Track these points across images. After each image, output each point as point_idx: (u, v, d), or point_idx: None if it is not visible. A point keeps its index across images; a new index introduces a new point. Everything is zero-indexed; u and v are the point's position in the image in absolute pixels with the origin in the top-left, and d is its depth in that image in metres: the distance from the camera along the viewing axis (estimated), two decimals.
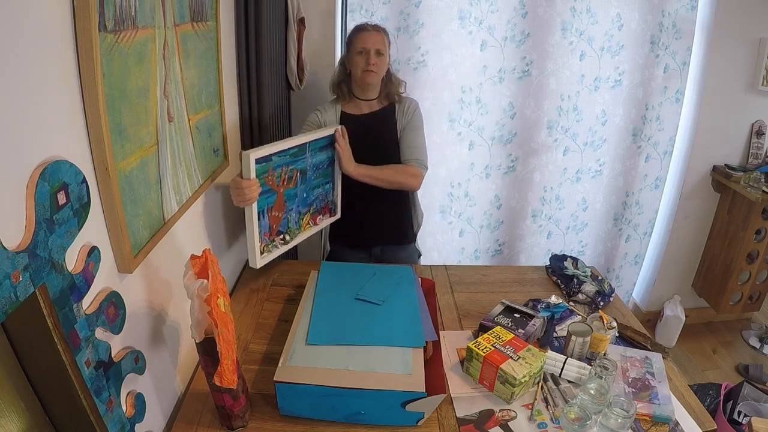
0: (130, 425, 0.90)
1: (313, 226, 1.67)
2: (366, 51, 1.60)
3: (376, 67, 1.61)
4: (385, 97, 1.72)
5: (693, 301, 2.87)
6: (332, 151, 1.65)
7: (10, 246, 0.62)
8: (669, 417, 1.13)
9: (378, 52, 1.61)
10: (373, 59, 1.60)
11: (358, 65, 1.62)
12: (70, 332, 0.73)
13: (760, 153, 2.57)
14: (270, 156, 1.40)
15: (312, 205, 1.65)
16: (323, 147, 1.61)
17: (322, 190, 1.67)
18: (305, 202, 1.61)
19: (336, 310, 1.30)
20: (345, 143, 1.63)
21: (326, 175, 1.67)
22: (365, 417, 1.09)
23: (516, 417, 1.13)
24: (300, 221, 1.61)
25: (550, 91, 2.33)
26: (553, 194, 2.57)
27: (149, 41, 0.96)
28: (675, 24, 2.27)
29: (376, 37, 1.61)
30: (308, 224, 1.65)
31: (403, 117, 1.71)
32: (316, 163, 1.60)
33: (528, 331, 1.34)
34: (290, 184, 1.52)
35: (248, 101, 1.68)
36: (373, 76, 1.63)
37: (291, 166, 1.50)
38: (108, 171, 0.83)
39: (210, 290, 0.92)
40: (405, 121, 1.71)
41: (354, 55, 1.62)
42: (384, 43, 1.63)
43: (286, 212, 1.54)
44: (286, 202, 1.53)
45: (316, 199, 1.66)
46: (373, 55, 1.60)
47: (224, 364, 0.94)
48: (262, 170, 1.38)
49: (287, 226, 1.56)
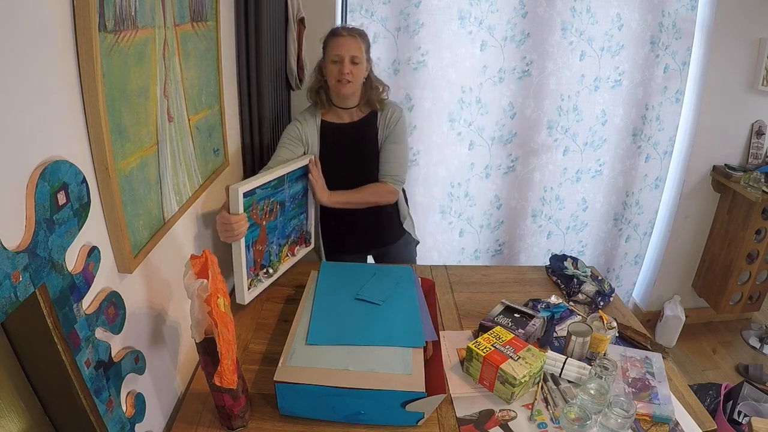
0: (130, 425, 0.90)
1: (291, 257, 1.62)
2: (340, 59, 1.50)
3: (352, 76, 1.51)
4: (366, 104, 1.64)
5: (693, 301, 2.87)
6: (306, 181, 1.61)
7: (10, 246, 0.62)
8: (669, 417, 1.13)
9: (353, 60, 1.51)
10: (348, 68, 1.50)
11: (332, 74, 1.53)
12: (70, 332, 0.73)
13: (760, 153, 2.57)
14: (254, 189, 1.35)
15: (290, 237, 1.60)
16: (299, 177, 1.58)
17: (297, 221, 1.64)
18: (284, 234, 1.56)
19: (336, 310, 1.30)
20: (318, 173, 1.59)
21: (301, 205, 1.64)
22: (365, 417, 1.08)
23: (516, 417, 1.13)
24: (280, 253, 1.56)
25: (550, 91, 2.32)
26: (553, 194, 2.57)
27: (149, 41, 0.96)
28: (675, 24, 2.27)
29: (351, 43, 1.50)
30: (287, 256, 1.59)
31: (385, 127, 1.64)
32: (293, 194, 1.57)
33: (528, 331, 1.34)
34: (271, 217, 1.47)
35: (248, 101, 1.68)
36: (348, 87, 1.53)
37: (272, 198, 1.46)
38: (108, 171, 0.83)
39: (210, 290, 0.92)
40: (387, 131, 1.64)
41: (328, 63, 1.53)
42: (360, 49, 1.52)
43: (268, 245, 1.49)
44: (268, 235, 1.48)
45: (293, 230, 1.62)
46: (348, 64, 1.50)
47: (224, 364, 0.94)
48: (247, 204, 1.34)
49: (269, 259, 1.51)
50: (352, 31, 1.53)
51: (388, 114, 1.63)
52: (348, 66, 1.50)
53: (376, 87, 1.62)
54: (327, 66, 1.54)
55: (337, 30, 1.54)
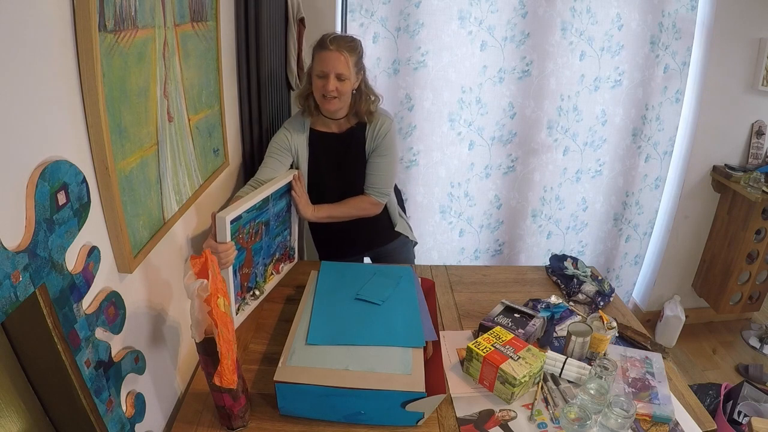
0: (130, 425, 0.90)
1: (276, 275, 1.58)
2: (325, 75, 1.45)
3: (337, 92, 1.46)
4: (354, 115, 1.59)
5: (693, 301, 2.87)
6: (289, 197, 1.59)
7: (10, 246, 0.62)
8: (669, 417, 1.13)
9: (339, 76, 1.45)
10: (333, 84, 1.45)
11: (317, 89, 1.49)
12: (70, 332, 0.73)
13: (760, 153, 2.57)
14: (240, 214, 1.31)
15: (274, 255, 1.57)
16: (282, 194, 1.55)
17: (281, 238, 1.61)
18: (269, 253, 1.53)
19: (336, 310, 1.30)
20: (301, 188, 1.57)
21: (285, 221, 1.61)
22: (365, 417, 1.09)
23: (516, 417, 1.13)
24: (265, 273, 1.52)
25: (550, 91, 2.32)
26: (553, 194, 2.57)
27: (149, 41, 0.96)
28: (675, 24, 2.27)
29: (337, 58, 1.43)
30: (272, 274, 1.56)
31: (373, 140, 1.59)
32: (277, 211, 1.54)
33: (528, 331, 1.34)
34: (257, 238, 1.43)
35: (248, 101, 1.68)
36: (333, 103, 1.49)
37: (257, 220, 1.42)
38: (108, 171, 0.83)
39: (210, 290, 0.92)
40: (374, 144, 1.59)
41: (315, 76, 1.48)
42: (346, 65, 1.45)
43: (254, 267, 1.45)
44: (254, 257, 1.44)
45: (278, 247, 1.59)
46: (333, 80, 1.44)
47: (224, 364, 0.94)
48: (234, 229, 1.27)
49: (255, 280, 1.47)
50: (340, 45, 1.44)
51: (377, 126, 1.58)
52: (333, 82, 1.45)
53: (366, 98, 1.57)
54: (313, 80, 1.50)
55: (324, 42, 1.46)
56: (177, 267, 1.19)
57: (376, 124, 1.59)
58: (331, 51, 1.44)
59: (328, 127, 1.62)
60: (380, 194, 1.64)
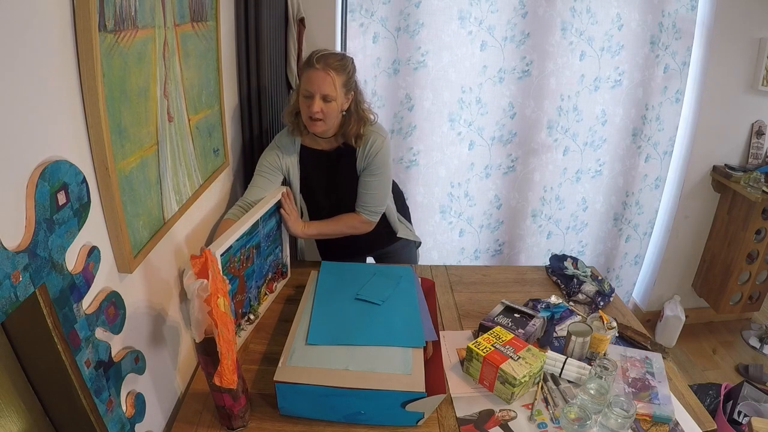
0: (130, 425, 0.90)
1: (269, 294, 1.54)
2: (310, 95, 1.38)
3: (322, 114, 1.39)
4: (342, 136, 1.51)
5: (693, 301, 2.87)
6: (278, 215, 1.54)
7: (10, 246, 0.62)
8: (669, 417, 1.13)
9: (325, 98, 1.37)
10: (318, 106, 1.38)
11: (302, 109, 1.43)
12: (70, 332, 0.73)
13: (760, 153, 2.56)
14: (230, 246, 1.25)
15: (267, 276, 1.52)
16: (272, 213, 1.51)
17: (273, 257, 1.55)
18: (261, 275, 1.47)
19: (336, 310, 1.30)
20: (290, 205, 1.53)
21: (276, 239, 1.56)
22: (365, 417, 1.09)
23: (516, 417, 1.13)
24: (259, 295, 1.47)
25: (550, 91, 2.32)
26: (553, 194, 2.57)
27: (149, 41, 0.96)
28: (675, 24, 2.27)
29: (324, 79, 1.36)
30: (265, 294, 1.51)
31: (364, 158, 1.52)
32: (267, 232, 1.48)
33: (528, 331, 1.34)
34: (248, 263, 1.38)
35: (248, 101, 1.68)
36: (318, 125, 1.43)
37: (248, 245, 1.36)
38: (108, 171, 0.83)
39: (210, 290, 0.92)
40: (365, 162, 1.53)
41: (301, 95, 1.42)
42: (333, 86, 1.37)
43: (247, 292, 1.39)
44: (246, 282, 1.38)
45: (270, 267, 1.54)
46: (318, 101, 1.37)
47: (224, 364, 0.94)
48: (224, 261, 1.22)
49: (249, 305, 1.42)
50: (327, 63, 1.36)
51: (368, 144, 1.50)
52: (318, 104, 1.38)
53: (356, 121, 1.48)
54: (300, 98, 1.43)
55: (311, 60, 1.38)
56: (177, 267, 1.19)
57: (368, 142, 1.51)
58: (317, 70, 1.36)
59: (317, 143, 1.57)
60: (371, 213, 1.59)
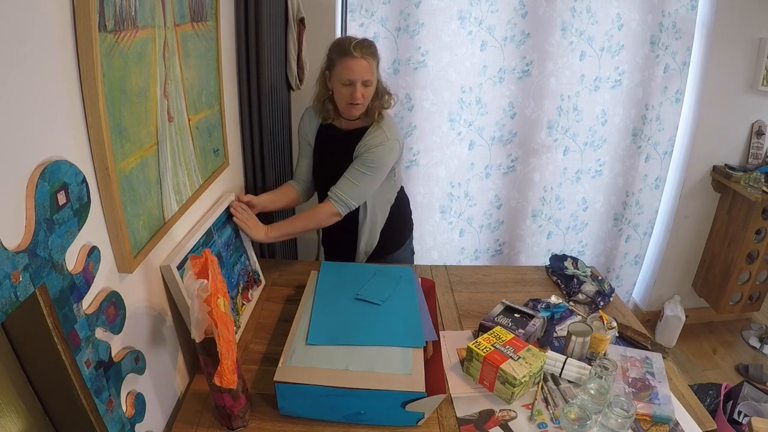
0: (130, 425, 0.90)
1: (247, 303, 1.48)
2: (352, 83, 1.43)
3: (363, 98, 1.46)
4: (365, 116, 1.55)
5: (693, 301, 2.87)
6: (232, 221, 1.49)
7: (10, 246, 0.62)
8: (669, 417, 1.13)
9: (365, 83, 1.44)
10: (360, 92, 1.43)
11: (342, 96, 1.47)
12: (70, 332, 0.73)
13: (760, 153, 2.57)
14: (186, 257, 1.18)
15: (239, 285, 1.46)
16: (224, 222, 1.45)
17: (240, 265, 1.50)
18: (231, 285, 1.42)
19: (336, 310, 1.30)
20: (243, 212, 1.48)
21: (237, 248, 1.51)
22: (365, 417, 1.09)
23: (516, 417, 1.13)
24: (236, 306, 1.42)
25: (550, 91, 2.32)
26: (553, 194, 2.57)
27: (149, 41, 0.96)
28: (675, 24, 2.27)
29: (363, 66, 1.41)
30: (243, 304, 1.46)
31: (362, 145, 1.53)
32: (225, 241, 1.43)
33: (528, 331, 1.34)
34: None
35: (248, 101, 1.67)
36: (358, 109, 1.48)
37: None
38: (108, 171, 0.83)
39: (210, 290, 0.92)
40: (360, 151, 1.53)
41: (338, 83, 1.45)
42: (371, 71, 1.44)
43: None
44: None
45: (239, 276, 1.47)
46: (360, 88, 1.43)
47: (224, 364, 0.94)
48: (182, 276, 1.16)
49: None
50: (363, 51, 1.41)
51: (371, 136, 1.52)
52: (360, 90, 1.44)
53: (380, 96, 1.54)
54: (336, 86, 1.47)
55: (347, 49, 1.41)
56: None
57: (375, 134, 1.52)
58: (355, 58, 1.40)
59: (341, 123, 1.60)
60: (341, 203, 1.53)
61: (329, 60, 1.48)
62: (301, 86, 2.06)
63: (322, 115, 1.59)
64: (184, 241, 1.20)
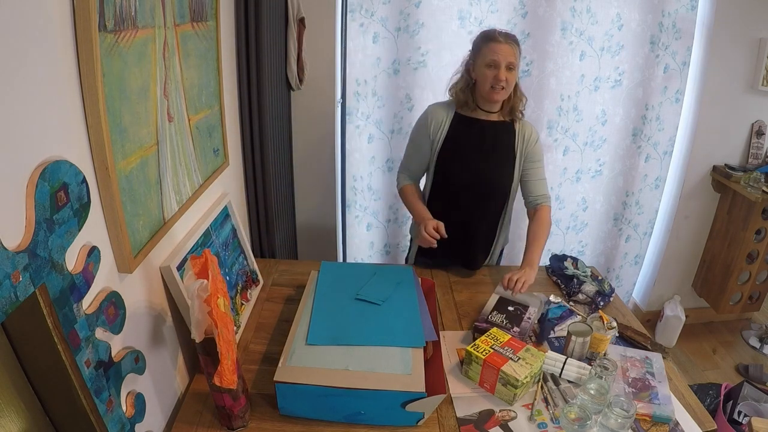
0: (130, 425, 0.90)
1: (246, 303, 1.48)
2: (496, 65, 1.47)
3: (507, 83, 1.49)
4: (508, 112, 1.60)
5: (693, 301, 2.87)
6: (230, 222, 1.49)
7: (10, 246, 0.62)
8: (669, 417, 1.13)
9: (509, 66, 1.48)
10: (504, 74, 1.47)
11: (486, 79, 1.50)
12: (70, 332, 0.73)
13: (760, 153, 2.56)
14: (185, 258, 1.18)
15: (237, 286, 1.46)
16: (222, 222, 1.44)
17: (239, 265, 1.50)
18: (230, 285, 1.42)
19: (336, 310, 1.30)
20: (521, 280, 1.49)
21: (236, 247, 1.50)
22: (365, 417, 1.09)
23: (516, 417, 1.13)
24: (235, 306, 1.42)
25: (550, 91, 2.32)
26: (553, 194, 2.57)
27: (149, 41, 0.96)
28: (675, 24, 2.27)
29: (508, 49, 1.47)
30: (242, 304, 1.46)
31: (524, 143, 1.61)
32: (223, 241, 1.43)
33: (523, 327, 1.34)
34: None
35: (248, 101, 1.67)
36: (501, 93, 1.52)
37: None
38: (108, 171, 0.83)
39: (210, 290, 0.92)
40: (526, 149, 1.61)
41: (482, 66, 1.50)
42: (515, 56, 1.49)
43: None
44: None
45: (238, 276, 1.48)
46: (504, 70, 1.47)
47: (224, 364, 0.94)
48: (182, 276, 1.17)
49: None
50: (508, 37, 1.49)
51: (527, 132, 1.61)
52: (504, 72, 1.48)
53: (520, 95, 1.60)
54: (480, 70, 1.51)
55: (493, 35, 1.49)
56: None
57: (526, 129, 1.62)
58: (501, 43, 1.47)
59: (477, 114, 1.61)
60: (548, 200, 1.66)
61: (474, 48, 1.55)
62: (301, 86, 2.06)
63: (458, 105, 1.61)
64: (184, 241, 1.21)
